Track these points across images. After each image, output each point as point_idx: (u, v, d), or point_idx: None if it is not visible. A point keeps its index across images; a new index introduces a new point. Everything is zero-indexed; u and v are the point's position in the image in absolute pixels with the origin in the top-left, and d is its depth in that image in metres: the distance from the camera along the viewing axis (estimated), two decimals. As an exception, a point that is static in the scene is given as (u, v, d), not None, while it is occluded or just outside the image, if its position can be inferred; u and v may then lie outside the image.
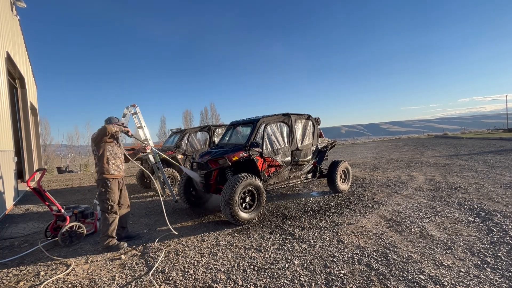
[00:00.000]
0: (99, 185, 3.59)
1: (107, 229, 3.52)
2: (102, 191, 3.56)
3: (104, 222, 3.53)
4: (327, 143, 6.27)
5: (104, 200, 3.55)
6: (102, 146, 3.58)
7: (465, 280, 2.48)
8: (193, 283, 2.66)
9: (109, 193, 3.56)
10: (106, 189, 3.55)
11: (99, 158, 3.57)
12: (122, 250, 3.53)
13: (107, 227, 3.52)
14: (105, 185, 3.55)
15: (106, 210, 3.55)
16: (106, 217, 3.54)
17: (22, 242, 4.06)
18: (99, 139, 3.55)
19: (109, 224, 3.52)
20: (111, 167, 3.61)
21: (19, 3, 8.92)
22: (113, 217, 3.58)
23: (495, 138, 21.76)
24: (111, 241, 3.54)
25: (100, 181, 3.58)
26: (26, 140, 10.26)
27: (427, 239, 3.40)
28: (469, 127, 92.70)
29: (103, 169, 3.56)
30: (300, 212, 4.82)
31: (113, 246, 3.54)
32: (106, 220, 3.53)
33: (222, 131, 8.21)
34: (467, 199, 5.00)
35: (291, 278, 2.65)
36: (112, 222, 3.55)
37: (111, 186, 3.57)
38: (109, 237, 3.53)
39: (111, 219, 3.55)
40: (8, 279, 2.91)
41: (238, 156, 4.55)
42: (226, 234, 3.93)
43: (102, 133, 3.52)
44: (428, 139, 28.41)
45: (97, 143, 3.57)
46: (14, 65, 8.48)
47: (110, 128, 3.51)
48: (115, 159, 3.68)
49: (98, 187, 3.61)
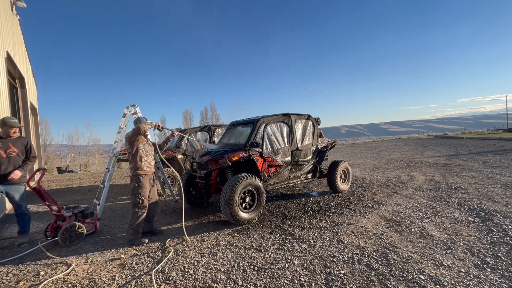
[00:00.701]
0: (133, 180, 3.77)
1: (134, 222, 3.70)
2: (135, 186, 3.74)
3: (133, 215, 3.70)
4: (327, 143, 6.27)
5: (136, 194, 3.73)
6: (135, 144, 3.80)
7: (465, 280, 2.48)
8: (193, 283, 2.66)
9: (141, 188, 3.74)
10: (139, 184, 3.74)
11: (133, 156, 3.78)
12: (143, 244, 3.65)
13: (135, 220, 3.70)
14: (138, 181, 3.74)
15: (137, 204, 3.72)
16: (135, 211, 3.71)
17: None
18: (133, 138, 3.79)
19: (138, 218, 3.71)
20: (144, 164, 3.81)
21: (19, 3, 8.92)
22: (142, 211, 3.75)
23: (495, 138, 21.77)
24: (135, 235, 3.72)
25: (134, 177, 3.77)
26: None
27: (427, 239, 3.40)
28: (469, 127, 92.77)
29: (136, 166, 3.77)
30: (300, 212, 4.82)
31: (136, 240, 3.70)
32: (135, 214, 3.71)
33: (222, 131, 8.21)
34: (467, 199, 5.00)
35: (291, 278, 2.65)
36: (141, 216, 3.73)
37: (143, 182, 3.76)
38: (134, 230, 3.71)
39: (140, 213, 3.73)
40: (8, 279, 2.91)
41: (238, 156, 4.55)
42: (226, 234, 3.93)
43: (136, 132, 3.78)
44: (428, 139, 28.41)
45: (131, 142, 3.80)
46: (14, 64, 8.47)
47: (143, 127, 3.79)
48: (147, 156, 3.89)
49: (132, 183, 3.79)
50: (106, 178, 4.69)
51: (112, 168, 4.77)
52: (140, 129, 3.77)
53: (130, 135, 3.83)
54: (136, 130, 3.81)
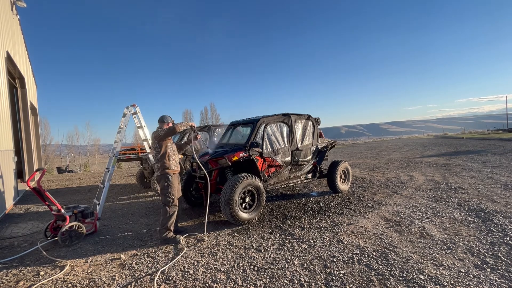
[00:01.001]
0: (161, 180, 3.77)
1: (167, 222, 3.69)
2: (165, 186, 3.74)
3: (165, 215, 3.70)
4: (327, 143, 6.27)
5: (166, 194, 3.73)
6: (164, 143, 3.80)
7: (465, 281, 2.48)
8: (193, 283, 2.66)
9: (171, 187, 3.75)
10: (168, 183, 3.74)
11: (162, 155, 3.78)
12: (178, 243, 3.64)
13: (167, 220, 3.69)
14: (168, 180, 3.75)
15: (168, 204, 3.72)
16: (167, 210, 3.71)
17: (22, 241, 4.05)
18: (164, 138, 3.79)
19: (170, 217, 3.71)
20: (172, 163, 3.82)
21: (19, 3, 8.92)
22: (173, 210, 3.75)
23: (495, 138, 21.77)
24: (168, 234, 3.71)
25: (163, 176, 3.77)
26: (26, 140, 10.25)
27: (427, 239, 3.40)
28: (469, 127, 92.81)
29: (165, 165, 3.76)
30: (300, 212, 4.82)
31: (170, 239, 3.69)
32: (167, 213, 3.70)
33: (222, 131, 8.20)
34: (467, 200, 5.00)
35: (291, 278, 2.65)
36: (173, 215, 3.74)
37: (172, 181, 3.77)
38: (168, 230, 3.71)
39: (171, 212, 3.73)
40: (8, 279, 2.91)
41: (238, 156, 4.55)
42: (226, 234, 3.93)
43: (171, 132, 3.75)
44: (428, 140, 28.42)
45: (160, 141, 3.79)
46: (14, 64, 8.48)
47: (178, 128, 3.77)
48: (174, 155, 3.91)
49: (160, 182, 3.78)
50: (106, 178, 4.69)
51: (112, 168, 4.76)
52: (175, 130, 3.73)
53: (163, 134, 3.76)
54: (171, 129, 3.75)
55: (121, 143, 5.09)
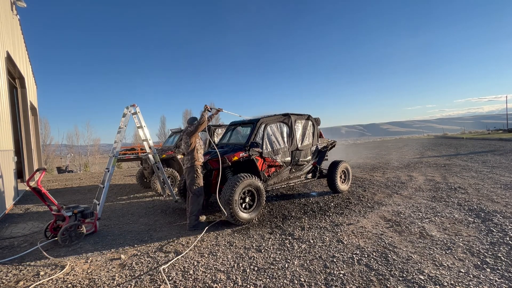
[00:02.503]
0: (191, 171, 4.18)
1: (196, 209, 4.10)
2: (194, 177, 4.16)
3: (194, 203, 4.10)
4: (327, 143, 6.27)
5: (195, 184, 4.15)
6: (193, 138, 4.26)
7: (465, 281, 2.48)
8: (193, 283, 2.66)
9: (199, 178, 4.20)
10: (197, 174, 4.18)
11: (191, 149, 4.23)
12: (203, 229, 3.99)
13: (196, 207, 4.11)
14: (197, 171, 4.19)
15: (197, 193, 4.14)
16: (196, 199, 4.12)
17: (21, 241, 4.05)
18: (195, 131, 4.24)
19: (198, 204, 4.13)
20: (199, 155, 4.28)
21: (19, 3, 8.92)
22: (201, 197, 4.18)
23: (495, 138, 21.77)
24: (198, 220, 4.16)
25: (192, 168, 4.19)
26: (26, 140, 10.25)
27: (426, 239, 3.40)
28: (469, 127, 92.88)
29: (194, 158, 4.21)
30: (300, 212, 4.82)
31: (198, 225, 4.11)
32: (197, 201, 4.12)
33: (222, 131, 8.21)
34: (467, 200, 5.00)
35: (290, 278, 2.65)
36: (200, 202, 4.16)
37: (200, 172, 4.24)
38: (197, 216, 4.14)
39: (200, 199, 4.16)
40: (8, 279, 2.91)
41: (238, 156, 4.55)
42: (226, 234, 3.93)
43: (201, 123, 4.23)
44: (428, 140, 28.42)
45: (192, 136, 4.25)
46: (14, 64, 8.48)
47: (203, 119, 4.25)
48: (201, 148, 4.39)
49: (189, 174, 4.18)
50: (106, 178, 4.69)
51: (112, 168, 4.77)
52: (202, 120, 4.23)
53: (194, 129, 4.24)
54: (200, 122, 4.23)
55: (121, 143, 5.10)
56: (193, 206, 4.11)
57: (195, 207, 4.10)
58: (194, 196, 4.12)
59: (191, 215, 4.10)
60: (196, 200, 4.12)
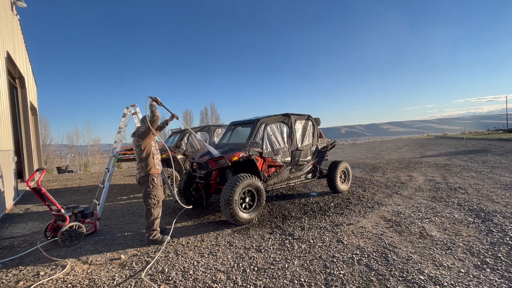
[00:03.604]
0: (146, 181, 3.63)
1: (152, 224, 3.63)
2: (150, 187, 3.62)
3: (150, 217, 3.63)
4: (327, 144, 6.27)
5: (151, 196, 3.63)
6: (147, 141, 3.68)
7: (465, 281, 2.48)
8: (193, 283, 2.66)
9: (156, 189, 3.66)
10: (153, 185, 3.64)
11: (146, 154, 3.66)
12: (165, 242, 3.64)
13: (153, 222, 3.63)
14: (152, 181, 3.65)
15: (153, 206, 3.63)
16: (152, 213, 3.63)
17: (21, 241, 4.05)
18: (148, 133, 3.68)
19: (155, 219, 3.64)
20: (156, 161, 3.72)
21: (19, 3, 8.92)
22: (158, 211, 3.69)
23: (495, 138, 21.77)
24: (156, 235, 3.65)
25: (147, 177, 3.63)
26: (26, 140, 10.25)
27: (426, 239, 3.40)
28: (469, 127, 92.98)
29: (148, 165, 3.65)
30: (300, 212, 4.82)
31: (157, 240, 3.64)
32: (152, 215, 3.63)
33: (222, 131, 8.21)
34: (467, 200, 5.00)
35: (290, 278, 2.65)
36: (158, 217, 3.68)
37: (157, 182, 3.69)
38: (154, 230, 3.65)
39: (156, 213, 3.65)
40: (8, 279, 2.91)
41: (238, 156, 4.55)
42: (226, 234, 3.93)
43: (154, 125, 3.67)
44: (428, 140, 28.42)
45: (145, 138, 3.68)
46: (14, 64, 8.47)
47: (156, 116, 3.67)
48: (157, 154, 3.81)
49: (144, 184, 3.65)
50: (106, 178, 4.69)
51: (112, 168, 4.76)
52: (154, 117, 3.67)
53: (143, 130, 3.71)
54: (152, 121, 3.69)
55: (121, 143, 5.09)
56: (149, 222, 3.64)
57: (151, 223, 3.62)
58: (149, 210, 3.63)
59: (148, 230, 3.65)
60: (152, 214, 3.62)
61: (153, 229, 3.64)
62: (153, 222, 3.64)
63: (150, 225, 3.65)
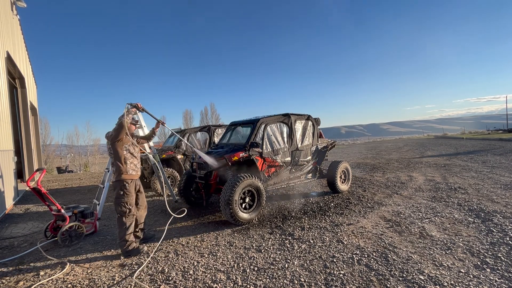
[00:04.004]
0: (116, 187, 3.36)
1: (124, 233, 3.31)
2: (120, 194, 3.32)
3: (122, 226, 3.32)
4: (327, 144, 6.27)
5: (121, 203, 3.32)
6: (118, 144, 3.35)
7: (465, 281, 2.48)
8: (193, 283, 2.66)
9: (127, 196, 3.34)
10: (124, 191, 3.33)
11: (116, 158, 3.35)
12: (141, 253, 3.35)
13: (124, 231, 3.31)
14: (123, 187, 3.33)
15: (124, 214, 3.31)
16: (123, 222, 3.31)
17: (21, 241, 4.06)
18: (117, 136, 3.32)
19: (127, 228, 3.32)
20: (130, 167, 3.41)
21: (19, 3, 8.93)
22: (130, 220, 3.36)
23: (495, 138, 21.78)
24: (130, 245, 3.34)
25: (118, 183, 3.34)
26: (26, 140, 10.25)
27: (426, 239, 3.40)
28: (469, 127, 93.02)
29: (120, 170, 3.34)
30: (300, 212, 4.82)
31: (133, 250, 3.34)
32: (123, 224, 3.31)
33: (222, 131, 8.21)
34: (467, 200, 5.00)
35: (290, 278, 2.65)
36: (130, 226, 3.35)
37: (129, 189, 3.36)
38: (128, 241, 3.33)
39: (128, 223, 3.34)
40: (8, 279, 2.91)
41: (238, 156, 4.55)
42: (226, 234, 3.93)
43: (120, 127, 3.28)
44: (428, 140, 28.43)
45: (115, 141, 3.34)
46: (14, 64, 8.48)
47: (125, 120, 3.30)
48: (133, 158, 3.48)
49: (115, 190, 3.37)
50: (106, 178, 4.69)
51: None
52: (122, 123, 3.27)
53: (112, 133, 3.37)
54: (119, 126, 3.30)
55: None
56: (120, 231, 3.32)
57: (123, 232, 3.30)
58: (121, 219, 3.31)
59: (121, 241, 3.32)
60: (124, 224, 3.31)
61: (125, 239, 3.31)
62: (125, 231, 3.30)
63: (122, 235, 3.31)
